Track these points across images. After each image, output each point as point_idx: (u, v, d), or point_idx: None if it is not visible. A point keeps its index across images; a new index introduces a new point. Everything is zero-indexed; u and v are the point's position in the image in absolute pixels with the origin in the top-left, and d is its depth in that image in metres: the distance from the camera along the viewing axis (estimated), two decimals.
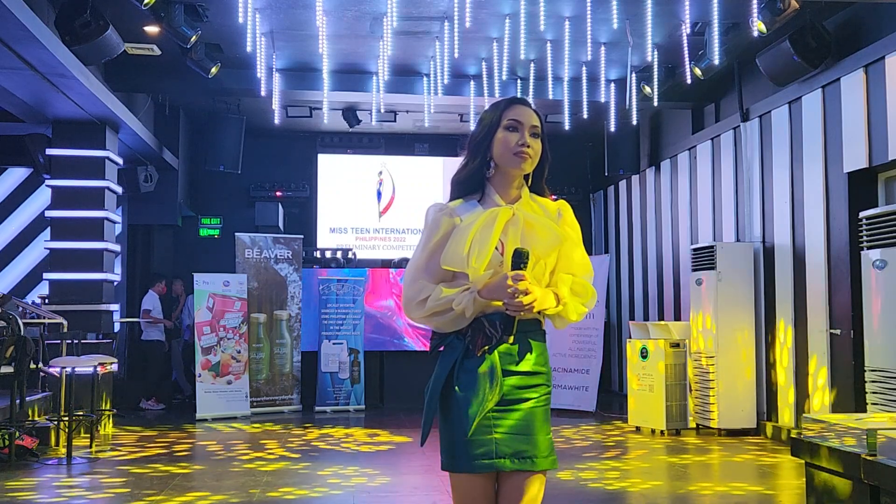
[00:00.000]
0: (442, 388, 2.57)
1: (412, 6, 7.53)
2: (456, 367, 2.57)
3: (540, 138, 2.66)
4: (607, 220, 13.06)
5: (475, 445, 2.51)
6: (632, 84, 9.05)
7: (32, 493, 6.08)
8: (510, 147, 2.60)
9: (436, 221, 2.61)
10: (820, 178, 7.65)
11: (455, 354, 2.57)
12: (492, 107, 2.73)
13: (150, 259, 12.54)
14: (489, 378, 2.53)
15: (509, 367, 2.56)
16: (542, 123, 2.70)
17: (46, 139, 9.34)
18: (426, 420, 2.59)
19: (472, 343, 2.55)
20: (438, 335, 2.64)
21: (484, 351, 2.54)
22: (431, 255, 2.59)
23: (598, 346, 10.77)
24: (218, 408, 10.00)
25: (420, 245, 2.63)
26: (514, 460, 2.51)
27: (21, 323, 7.30)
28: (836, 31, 7.48)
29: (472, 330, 2.56)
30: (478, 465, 2.51)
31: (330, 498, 5.92)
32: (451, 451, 2.56)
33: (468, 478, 2.54)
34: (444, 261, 2.56)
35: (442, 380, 2.57)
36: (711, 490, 6.16)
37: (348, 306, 10.90)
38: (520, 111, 2.66)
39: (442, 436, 2.61)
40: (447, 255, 2.56)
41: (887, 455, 3.00)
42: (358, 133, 12.81)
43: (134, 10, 6.98)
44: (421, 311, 2.56)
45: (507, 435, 2.52)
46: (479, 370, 2.54)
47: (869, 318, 5.96)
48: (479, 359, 2.55)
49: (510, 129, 2.62)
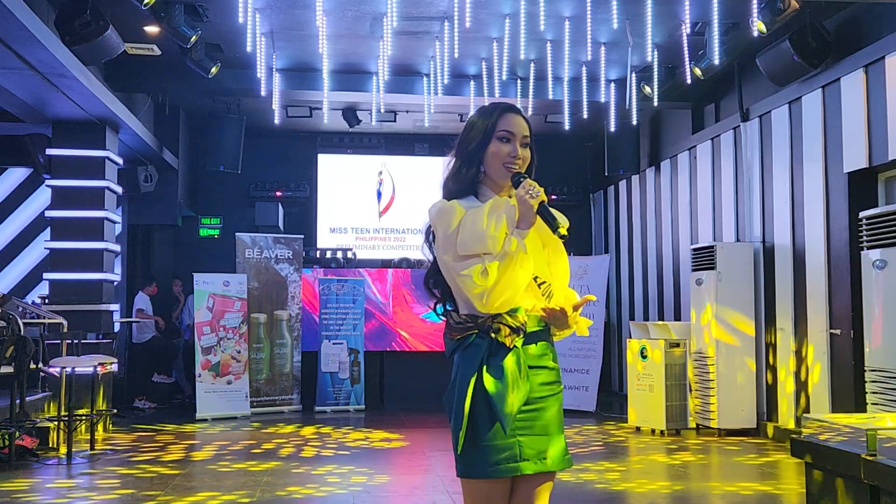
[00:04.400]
0: (470, 389, 2.48)
1: (412, 6, 7.53)
2: (484, 364, 2.49)
3: (530, 144, 2.65)
4: (607, 220, 13.05)
5: (498, 449, 2.45)
6: (632, 84, 9.05)
7: (32, 493, 6.08)
8: (502, 158, 2.59)
9: (449, 207, 2.56)
10: (820, 178, 7.65)
11: (481, 352, 2.50)
12: (482, 113, 2.68)
13: (150, 259, 12.55)
14: (519, 373, 2.48)
15: (533, 364, 2.54)
16: (532, 130, 2.67)
17: (46, 139, 9.34)
18: (457, 422, 2.47)
19: (499, 335, 2.48)
20: (457, 338, 2.55)
21: (514, 340, 2.48)
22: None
23: (598, 346, 10.77)
24: (218, 408, 10.00)
25: (441, 235, 2.54)
26: (537, 462, 2.48)
27: (21, 323, 7.30)
28: (836, 31, 7.48)
29: (495, 325, 2.50)
30: (502, 470, 2.45)
31: (330, 498, 5.92)
32: (472, 455, 2.47)
33: (487, 483, 2.47)
34: (462, 247, 2.49)
35: (468, 379, 2.48)
36: (711, 490, 6.16)
37: (348, 306, 10.90)
38: (512, 121, 2.63)
39: (462, 441, 2.48)
40: (462, 240, 2.49)
41: (887, 455, 3.00)
42: (358, 133, 12.81)
43: (134, 10, 6.98)
44: (483, 280, 2.44)
45: (531, 436, 2.49)
46: (509, 366, 2.48)
47: (869, 318, 5.96)
48: (506, 355, 2.48)
49: (503, 139, 2.60)
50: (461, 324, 2.55)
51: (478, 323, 2.52)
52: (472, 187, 2.65)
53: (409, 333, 11.32)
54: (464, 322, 2.54)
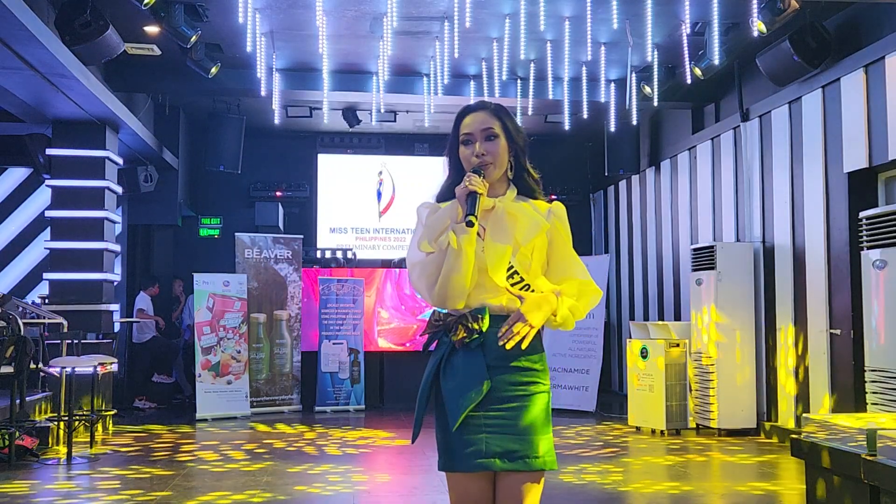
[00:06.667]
0: (431, 385, 2.58)
1: (412, 6, 7.53)
2: (443, 362, 2.57)
3: (501, 135, 2.63)
4: (607, 220, 13.05)
5: (466, 444, 2.50)
6: (632, 84, 9.05)
7: (32, 493, 6.08)
8: (470, 161, 2.62)
9: (423, 207, 2.67)
10: (820, 178, 7.65)
11: (443, 350, 2.59)
12: (455, 120, 2.72)
13: (150, 259, 12.55)
14: (474, 372, 2.51)
15: (499, 364, 2.54)
16: (502, 116, 2.65)
17: (46, 139, 9.33)
18: (417, 416, 2.60)
19: (455, 335, 2.54)
20: (431, 334, 2.64)
21: (464, 343, 2.52)
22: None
23: (598, 346, 10.76)
24: (218, 408, 10.00)
25: (414, 237, 2.64)
26: (505, 460, 2.48)
27: (21, 323, 7.30)
28: (836, 31, 7.48)
29: (455, 325, 2.55)
30: (470, 465, 2.49)
31: (330, 498, 5.92)
32: (445, 449, 2.56)
33: (463, 477, 2.52)
34: (420, 244, 2.58)
35: (430, 375, 2.58)
36: (711, 490, 6.16)
37: (348, 306, 10.90)
38: (469, 121, 2.65)
39: (436, 435, 2.60)
40: (419, 238, 2.60)
41: (887, 455, 3.00)
42: (358, 133, 12.81)
43: (134, 10, 6.99)
44: (426, 277, 2.55)
45: (498, 434, 2.50)
46: (465, 364, 2.53)
47: (869, 318, 5.96)
48: (465, 354, 2.54)
49: (465, 143, 2.64)
50: (436, 321, 2.63)
51: (446, 321, 2.59)
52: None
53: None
54: (438, 320, 2.62)
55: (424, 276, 2.56)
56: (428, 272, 2.55)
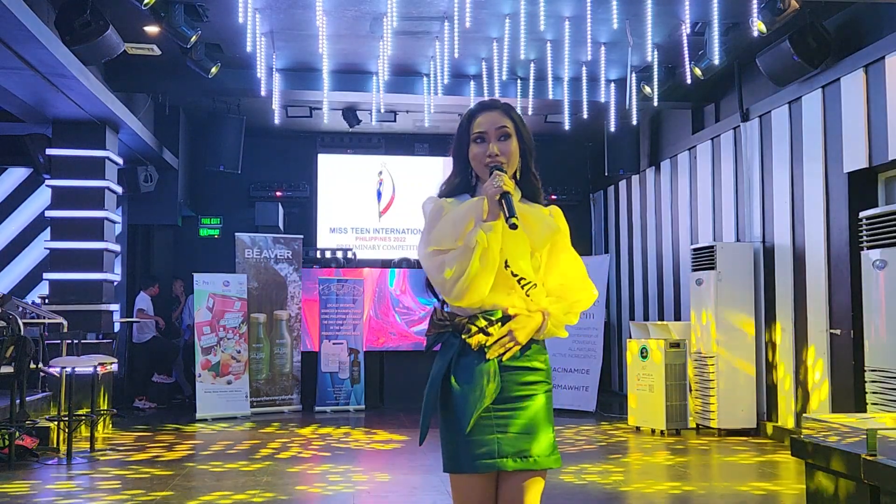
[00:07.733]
0: (440, 386, 2.56)
1: (412, 6, 7.52)
2: (452, 363, 2.56)
3: (514, 135, 2.64)
4: (607, 220, 13.05)
5: (477, 445, 2.49)
6: (632, 84, 9.04)
7: (32, 493, 6.08)
8: (481, 159, 2.62)
9: (432, 204, 2.65)
10: (820, 178, 7.65)
11: (452, 351, 2.57)
12: (463, 117, 2.72)
13: (150, 259, 12.55)
14: (486, 373, 2.51)
15: (508, 364, 2.55)
16: (515, 117, 2.66)
17: (46, 139, 9.33)
18: (424, 417, 2.58)
19: (469, 337, 2.53)
20: (434, 334, 2.63)
21: (479, 343, 2.53)
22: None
23: (598, 346, 10.77)
24: (218, 408, 10.00)
25: (425, 233, 2.63)
26: (517, 459, 2.50)
27: (21, 323, 7.30)
28: (836, 31, 7.48)
29: (467, 326, 2.55)
30: (480, 465, 2.49)
31: (330, 497, 5.92)
32: (453, 451, 2.54)
33: (469, 478, 2.52)
34: (435, 242, 2.56)
35: (439, 377, 2.56)
36: (712, 490, 6.16)
37: (348, 306, 10.90)
38: (483, 119, 2.65)
39: (442, 437, 2.58)
40: (435, 236, 2.57)
41: (887, 455, 3.00)
42: (358, 133, 12.81)
43: (134, 10, 6.98)
44: (453, 271, 2.50)
45: (510, 434, 2.51)
46: (476, 365, 2.53)
47: (869, 318, 5.96)
48: (475, 355, 2.54)
49: (478, 141, 2.63)
50: (441, 321, 2.61)
51: (454, 322, 2.57)
52: (467, 187, 2.70)
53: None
54: (443, 320, 2.61)
55: (448, 270, 2.51)
56: (454, 266, 2.50)
